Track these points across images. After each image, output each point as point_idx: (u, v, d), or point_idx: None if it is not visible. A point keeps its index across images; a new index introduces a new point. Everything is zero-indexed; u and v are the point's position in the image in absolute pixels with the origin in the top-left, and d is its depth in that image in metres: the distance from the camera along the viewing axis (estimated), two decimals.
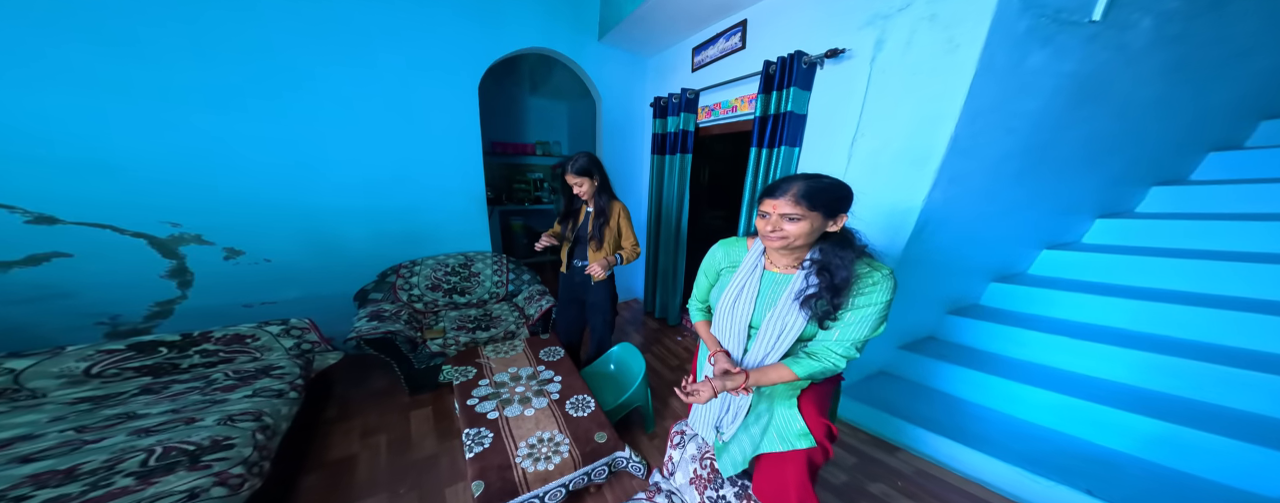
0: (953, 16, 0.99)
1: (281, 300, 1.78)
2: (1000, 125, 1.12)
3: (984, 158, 1.17)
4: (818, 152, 1.41)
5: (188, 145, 1.44)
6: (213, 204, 1.53)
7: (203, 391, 1.17)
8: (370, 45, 1.66)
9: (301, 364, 1.39)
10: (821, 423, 0.75)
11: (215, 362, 1.34)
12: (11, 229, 1.26)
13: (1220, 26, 1.24)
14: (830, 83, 1.33)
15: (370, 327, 1.51)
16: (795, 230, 0.69)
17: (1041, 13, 0.96)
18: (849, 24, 1.23)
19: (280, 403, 1.17)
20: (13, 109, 1.19)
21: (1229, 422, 1.05)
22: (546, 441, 1.14)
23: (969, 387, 1.44)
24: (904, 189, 1.20)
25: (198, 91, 1.41)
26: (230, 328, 1.42)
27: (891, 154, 1.20)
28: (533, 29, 1.97)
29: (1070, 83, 1.12)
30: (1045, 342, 1.39)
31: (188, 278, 1.56)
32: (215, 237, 1.57)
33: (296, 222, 1.71)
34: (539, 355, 1.57)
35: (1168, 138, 1.54)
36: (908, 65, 1.11)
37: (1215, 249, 1.39)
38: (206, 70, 1.40)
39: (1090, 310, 1.42)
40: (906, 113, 1.14)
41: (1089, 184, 1.53)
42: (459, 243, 2.15)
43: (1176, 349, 1.19)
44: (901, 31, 1.10)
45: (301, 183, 1.68)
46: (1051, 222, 1.61)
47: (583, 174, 1.31)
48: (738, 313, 0.82)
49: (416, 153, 1.89)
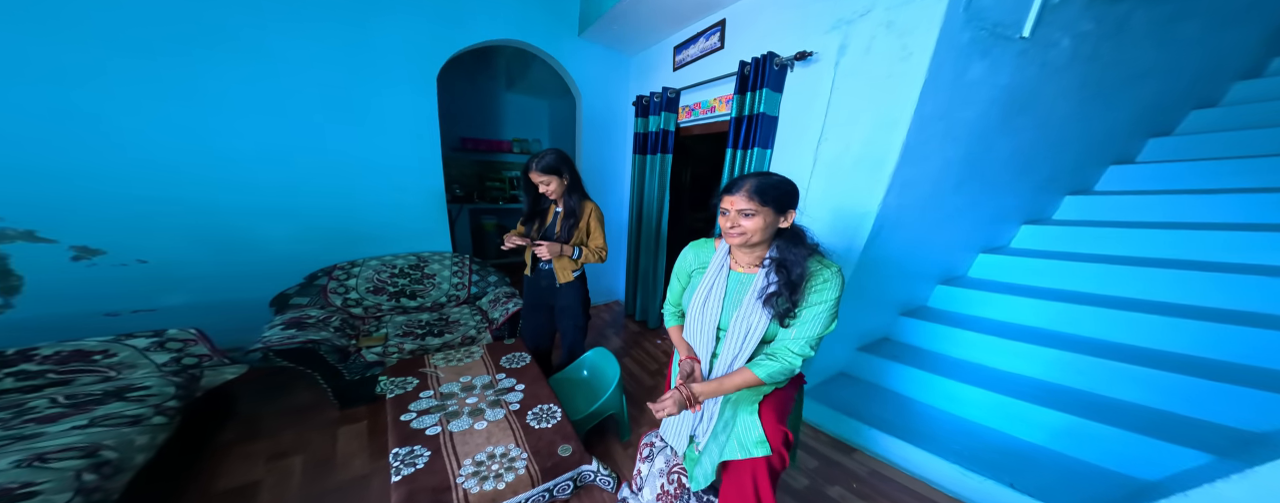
0: (907, 24, 1.02)
1: (162, 308, 1.44)
2: (944, 134, 1.17)
3: (930, 165, 1.22)
4: (787, 154, 1.42)
5: (19, 118, 1.12)
6: (58, 194, 1.21)
7: (6, 424, 0.85)
8: (306, 15, 1.44)
9: (180, 382, 1.09)
10: (779, 430, 0.74)
11: (41, 385, 1.00)
12: None
13: (1122, 49, 1.40)
14: (799, 85, 1.32)
15: (284, 336, 1.24)
16: (751, 225, 0.71)
17: (981, 25, 1.02)
18: (816, 27, 1.24)
19: (134, 431, 0.89)
20: None
21: (1119, 413, 1.13)
22: (499, 457, 0.98)
23: (917, 386, 1.49)
24: (862, 193, 1.22)
25: (43, 44, 1.10)
26: (66, 344, 1.09)
27: (852, 158, 1.22)
28: (503, 21, 1.84)
29: (1003, 95, 1.21)
30: (978, 341, 1.47)
31: (12, 283, 1.21)
32: (57, 233, 1.24)
33: (189, 217, 1.41)
34: (500, 362, 1.39)
35: (1081, 150, 1.72)
36: (867, 71, 1.13)
37: (1115, 254, 1.55)
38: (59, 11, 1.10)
39: (1016, 311, 1.53)
40: (866, 118, 1.15)
41: (1017, 192, 1.66)
42: (412, 243, 1.92)
43: (1081, 347, 1.27)
44: (862, 37, 1.12)
45: (201, 172, 1.39)
46: (986, 227, 1.73)
47: (550, 172, 1.20)
48: (707, 315, 0.82)
49: (359, 145, 1.66)
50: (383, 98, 1.67)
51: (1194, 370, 1.11)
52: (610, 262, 2.59)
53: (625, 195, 2.43)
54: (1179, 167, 1.71)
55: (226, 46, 1.35)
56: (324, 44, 1.51)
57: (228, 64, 1.37)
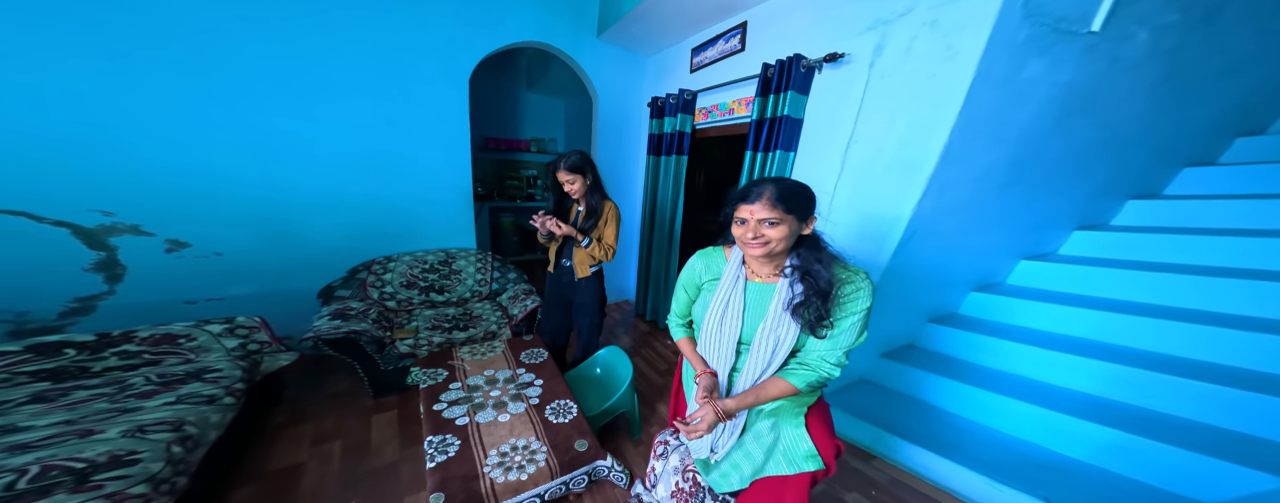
0: (953, 23, 0.95)
1: (230, 297, 1.58)
2: (991, 135, 1.09)
3: (972, 167, 1.13)
4: (812, 157, 1.35)
5: (132, 128, 1.25)
6: (158, 193, 1.34)
7: (113, 397, 0.97)
8: (353, 30, 1.51)
9: (245, 367, 1.20)
10: (831, 443, 0.70)
11: (137, 364, 1.14)
12: None
13: (1213, 41, 1.22)
14: (827, 87, 1.27)
15: (331, 326, 1.33)
16: (776, 234, 0.66)
17: (1042, 22, 0.92)
18: (850, 28, 1.18)
19: (210, 410, 0.99)
20: None
21: (1177, 430, 1.05)
22: (521, 449, 1.02)
23: (944, 395, 1.41)
24: (894, 197, 1.15)
25: (150, 69, 1.23)
26: (160, 327, 1.21)
27: (885, 161, 1.15)
28: (529, 23, 1.86)
29: (1063, 94, 1.09)
30: (1017, 351, 1.38)
31: (118, 272, 1.35)
32: (157, 227, 1.37)
33: (256, 212, 1.52)
34: (520, 358, 1.43)
35: (1151, 151, 1.53)
36: (906, 71, 1.06)
37: (1183, 263, 1.39)
38: (162, 44, 1.23)
39: (1061, 321, 1.42)
40: (902, 119, 1.09)
41: (1070, 196, 1.51)
42: (442, 239, 1.99)
43: (1135, 360, 1.20)
44: (902, 37, 1.05)
45: (266, 173, 1.50)
46: (1031, 233, 1.60)
47: (575, 171, 1.23)
48: (726, 329, 0.76)
49: (399, 145, 1.74)
50: (421, 100, 1.74)
51: (1266, 388, 0.99)
52: (621, 261, 2.59)
53: (638, 195, 2.42)
54: (1270, 169, 1.48)
55: (296, 65, 1.46)
56: (372, 52, 1.58)
57: (295, 77, 1.48)
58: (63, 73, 1.15)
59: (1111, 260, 1.51)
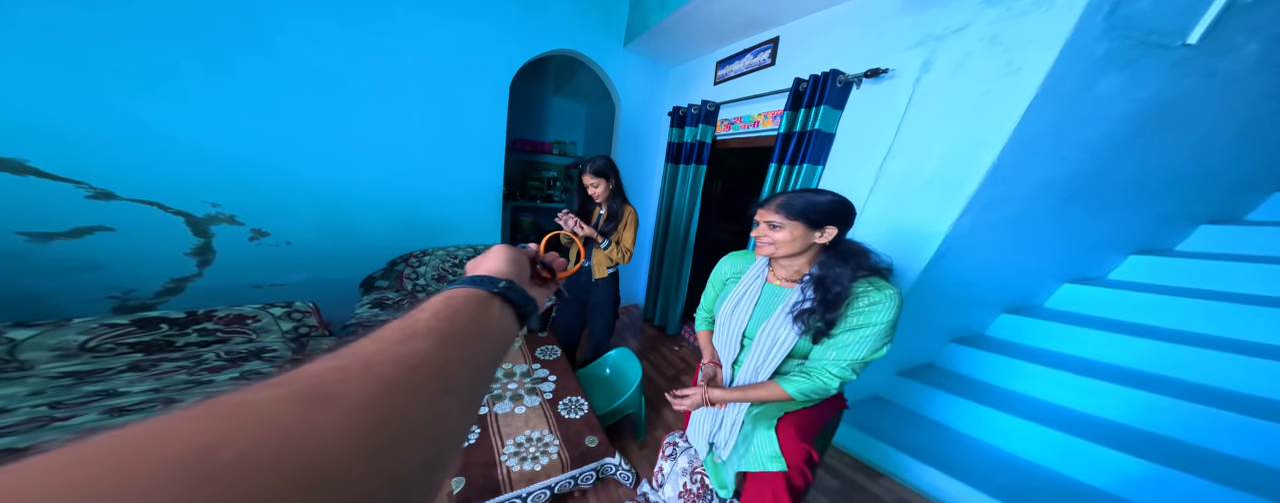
0: (1017, 38, 0.88)
1: (289, 283, 1.70)
2: (1051, 153, 0.99)
3: (1024, 185, 1.04)
4: (842, 171, 1.29)
5: (239, 129, 1.40)
6: (252, 186, 1.47)
7: (191, 370, 1.09)
8: (414, 43, 1.61)
9: (294, 349, 1.31)
10: (800, 448, 0.69)
11: (211, 341, 1.27)
12: (72, 203, 1.22)
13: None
14: (865, 102, 1.22)
15: (370, 314, 1.43)
16: (779, 237, 0.71)
17: (1127, 35, 0.81)
18: (896, 44, 1.14)
19: None
20: (99, 89, 1.17)
21: (1217, 466, 0.98)
22: (535, 440, 1.05)
23: (962, 417, 1.33)
24: (930, 214, 1.08)
25: (249, 84, 1.37)
26: (235, 308, 1.34)
27: (923, 177, 1.08)
28: (563, 32, 1.89)
29: (1142, 110, 0.97)
30: (1047, 376, 1.27)
31: (209, 257, 1.49)
32: (247, 218, 1.51)
33: (322, 206, 1.63)
34: (535, 353, 1.47)
35: (1241, 173, 1.35)
36: (955, 87, 1.00)
37: (1256, 293, 1.21)
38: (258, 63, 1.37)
39: (1102, 348, 1.29)
40: (947, 135, 1.03)
41: (1132, 218, 1.36)
42: (472, 236, 2.06)
43: (1180, 391, 1.09)
44: (954, 53, 1.00)
45: (335, 170, 1.62)
46: (1080, 255, 1.45)
47: (600, 175, 1.27)
48: (735, 320, 0.80)
49: (444, 147, 1.82)
50: (468, 105, 1.81)
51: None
52: (632, 265, 2.60)
53: (653, 202, 2.40)
54: None
55: (365, 76, 1.56)
56: (429, 61, 1.66)
57: (364, 87, 1.57)
58: (186, 92, 1.29)
59: (1171, 288, 1.35)
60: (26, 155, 1.15)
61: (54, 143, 1.17)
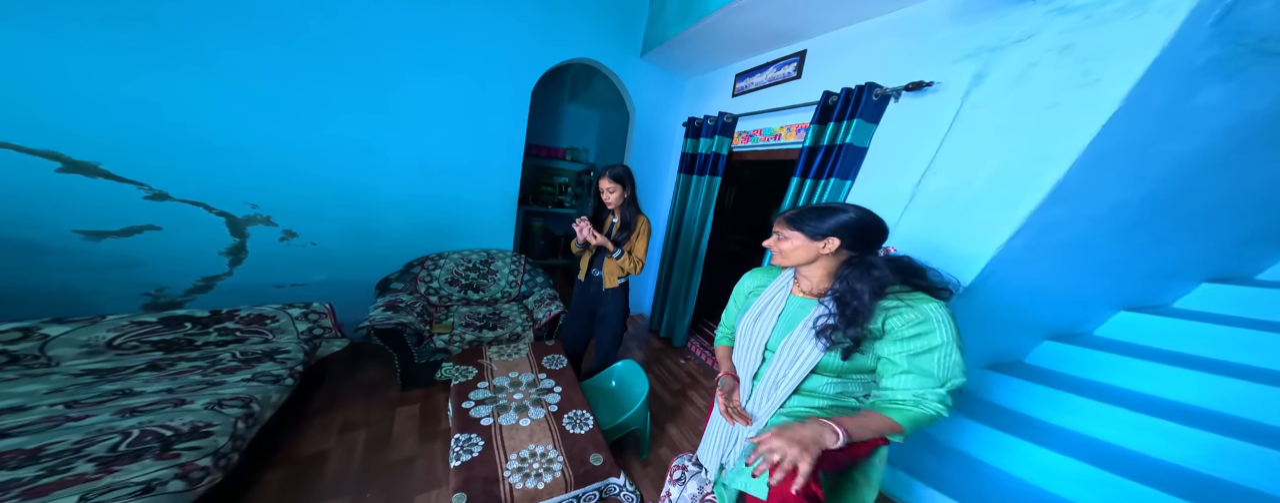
0: (1097, 48, 0.80)
1: (309, 283, 1.73)
2: (1129, 170, 0.90)
3: (1091, 206, 0.95)
4: (873, 186, 1.23)
5: (283, 134, 1.46)
6: (289, 188, 1.52)
7: (205, 371, 1.09)
8: (444, 53, 1.66)
9: (306, 350, 1.30)
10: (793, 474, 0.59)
11: (228, 341, 1.27)
12: (130, 203, 1.29)
13: None
14: (903, 116, 1.16)
15: (384, 316, 1.40)
16: (784, 247, 0.73)
17: (1238, 42, 0.73)
18: (942, 57, 1.08)
19: (273, 390, 1.06)
20: (162, 95, 1.23)
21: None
22: (539, 456, 0.99)
23: (991, 448, 1.21)
24: (975, 234, 1.00)
25: (308, 86, 1.44)
26: (257, 308, 1.34)
27: (969, 195, 1.01)
28: (583, 41, 1.93)
29: (1249, 122, 0.87)
30: (1098, 410, 1.14)
31: (241, 256, 1.53)
32: (281, 219, 1.55)
33: (350, 208, 1.67)
34: (541, 362, 1.42)
35: None
36: (1015, 100, 0.93)
37: None
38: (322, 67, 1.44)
39: (1163, 382, 1.15)
40: (1002, 151, 0.95)
41: (1210, 241, 1.22)
42: (486, 240, 2.07)
43: (1256, 435, 0.95)
44: (1014, 64, 0.93)
45: (366, 174, 1.66)
46: (1145, 281, 1.31)
47: (616, 182, 1.25)
48: (757, 332, 0.78)
49: (468, 152, 1.85)
50: (491, 111, 1.84)
51: None
52: (640, 275, 2.56)
53: (664, 211, 2.36)
54: None
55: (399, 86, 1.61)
56: (458, 71, 1.71)
57: (395, 96, 1.62)
58: (242, 99, 1.36)
59: (1250, 320, 1.20)
60: (100, 159, 1.23)
61: (123, 147, 1.24)
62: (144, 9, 1.16)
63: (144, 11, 1.16)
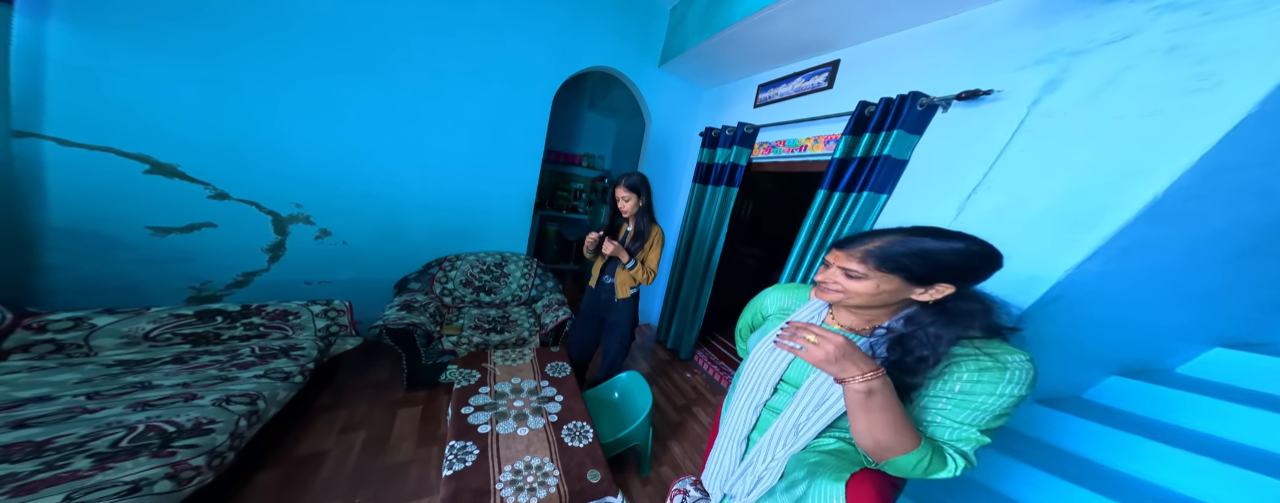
0: (1218, 47, 0.66)
1: (335, 281, 1.73)
2: (1251, 187, 0.73)
3: (1193, 227, 0.77)
4: (911, 200, 1.09)
5: (329, 138, 1.50)
6: (330, 188, 1.55)
7: (222, 366, 1.06)
8: (484, 64, 1.68)
9: (320, 347, 1.26)
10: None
11: (252, 336, 1.26)
12: (196, 201, 1.32)
13: None
14: (952, 127, 1.03)
15: (397, 316, 1.36)
16: (855, 288, 0.52)
17: None
18: (1004, 63, 0.95)
19: (282, 387, 1.02)
20: (225, 104, 1.30)
21: None
22: (535, 468, 0.89)
23: (1038, 493, 0.99)
24: (1037, 255, 0.84)
25: (357, 91, 1.47)
26: (283, 304, 1.34)
27: (1032, 212, 0.86)
28: (603, 50, 1.90)
29: None
30: (1179, 459, 0.91)
31: (279, 253, 1.55)
32: (319, 218, 1.57)
33: (382, 207, 1.68)
34: (545, 369, 1.33)
35: None
36: (1099, 108, 0.79)
37: None
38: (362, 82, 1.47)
39: (1263, 431, 0.91)
40: (1077, 165, 0.81)
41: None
42: (502, 243, 2.03)
43: None
44: (1101, 69, 0.80)
45: (399, 174, 1.67)
46: (1250, 314, 1.07)
47: (633, 190, 1.19)
48: (774, 361, 0.61)
49: (492, 156, 1.85)
50: (516, 116, 1.83)
51: None
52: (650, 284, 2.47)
53: (676, 221, 2.26)
54: None
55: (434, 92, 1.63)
56: (488, 76, 1.71)
57: (429, 102, 1.63)
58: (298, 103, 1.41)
59: None
60: (178, 161, 1.29)
61: (197, 150, 1.30)
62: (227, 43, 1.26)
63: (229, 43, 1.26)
